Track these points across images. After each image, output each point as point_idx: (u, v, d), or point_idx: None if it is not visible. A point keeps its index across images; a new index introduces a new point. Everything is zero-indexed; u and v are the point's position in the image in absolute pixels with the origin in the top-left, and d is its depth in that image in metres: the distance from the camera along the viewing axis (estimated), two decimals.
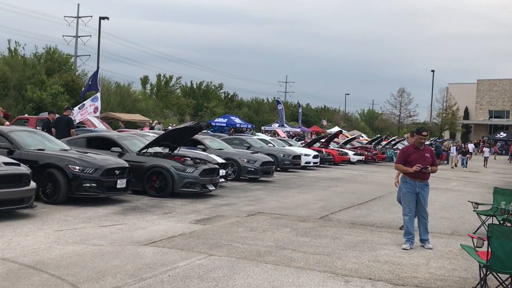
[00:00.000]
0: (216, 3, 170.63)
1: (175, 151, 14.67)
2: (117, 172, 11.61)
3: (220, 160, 16.08)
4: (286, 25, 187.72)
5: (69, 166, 10.98)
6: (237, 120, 50.11)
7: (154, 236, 8.41)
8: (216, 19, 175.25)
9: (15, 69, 43.01)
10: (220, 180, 14.77)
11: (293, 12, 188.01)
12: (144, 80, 69.94)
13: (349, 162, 33.37)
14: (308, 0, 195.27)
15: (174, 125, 37.28)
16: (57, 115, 17.93)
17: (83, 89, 23.55)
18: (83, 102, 21.19)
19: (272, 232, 9.36)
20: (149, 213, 10.60)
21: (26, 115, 30.66)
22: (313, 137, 48.12)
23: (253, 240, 8.56)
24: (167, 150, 14.60)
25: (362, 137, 59.36)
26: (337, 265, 7.30)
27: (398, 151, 11.70)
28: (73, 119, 19.55)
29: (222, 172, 15.22)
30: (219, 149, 19.13)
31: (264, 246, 8.20)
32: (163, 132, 17.52)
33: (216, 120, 49.35)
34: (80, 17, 54.47)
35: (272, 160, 20.12)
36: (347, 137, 46.40)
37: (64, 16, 57.66)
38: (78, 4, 55.11)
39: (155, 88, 70.79)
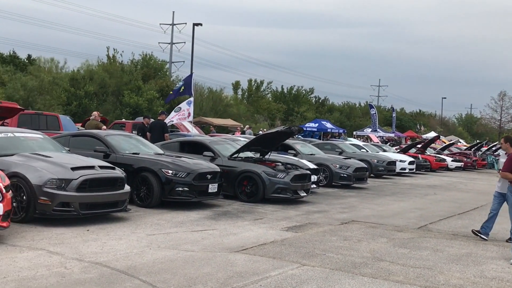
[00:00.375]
0: (308, 8, 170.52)
1: (266, 156, 14.45)
2: (209, 176, 11.55)
3: (311, 166, 15.69)
4: (378, 28, 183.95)
5: (163, 170, 11.04)
6: (328, 125, 49.42)
7: (245, 243, 8.18)
8: (307, 23, 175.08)
9: (114, 76, 44.95)
10: (312, 186, 14.37)
11: (385, 14, 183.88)
12: (236, 85, 70.95)
13: (447, 168, 31.83)
14: (400, 2, 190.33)
15: (264, 130, 37.31)
16: (152, 120, 18.31)
17: (170, 92, 23.95)
18: (179, 105, 21.57)
19: (367, 242, 8.84)
20: (240, 219, 10.41)
21: (123, 119, 31.82)
22: (408, 142, 46.46)
23: (348, 250, 8.10)
24: (258, 155, 14.42)
25: (460, 142, 56.61)
26: (439, 280, 6.70)
27: (500, 158, 10.85)
28: (169, 121, 19.92)
29: (313, 178, 14.82)
30: (311, 154, 18.74)
31: (360, 257, 7.72)
32: (254, 136, 17.39)
33: (306, 124, 48.95)
34: (175, 24, 56.09)
35: (365, 166, 19.45)
36: (445, 143, 44.38)
37: (160, 24, 59.69)
38: (173, 12, 57.07)
39: (246, 93, 71.60)
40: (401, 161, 25.92)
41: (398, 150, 30.62)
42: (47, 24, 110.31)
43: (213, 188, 11.54)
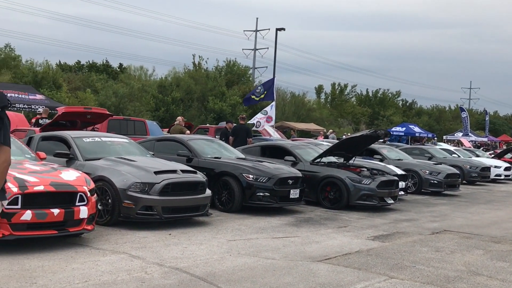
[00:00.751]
0: (395, 9, 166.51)
1: (350, 161, 13.98)
2: (290, 181, 11.29)
3: (399, 172, 15.02)
4: (468, 29, 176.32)
5: (243, 174, 10.91)
6: (416, 129, 47.66)
7: (329, 252, 7.82)
8: (393, 25, 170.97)
9: (199, 82, 45.94)
10: (400, 193, 13.73)
11: (476, 15, 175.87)
12: (319, 89, 70.40)
13: None
14: (492, 1, 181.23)
15: (348, 134, 36.57)
16: (235, 125, 18.35)
17: (246, 96, 23.88)
18: (265, 109, 21.51)
19: (461, 254, 8.21)
20: (323, 226, 10.06)
21: (207, 124, 32.32)
22: (503, 147, 43.92)
23: (440, 263, 7.54)
24: (341, 160, 13.98)
25: None
26: None
27: None
28: (257, 121, 19.86)
29: (401, 184, 14.16)
30: (398, 159, 17.99)
31: (453, 270, 7.15)
32: (338, 141, 16.94)
33: (393, 128, 47.53)
34: (258, 31, 56.47)
35: (457, 172, 18.42)
36: None
37: (244, 31, 60.30)
38: (257, 18, 57.20)
39: (329, 97, 70.85)
40: (496, 167, 24.44)
41: (493, 155, 28.93)
42: (137, 34, 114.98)
43: (294, 193, 11.26)
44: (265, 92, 21.20)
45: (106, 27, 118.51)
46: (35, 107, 25.04)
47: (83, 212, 7.15)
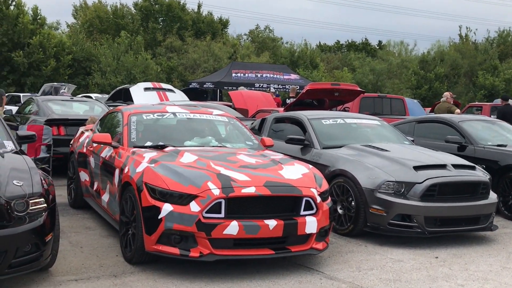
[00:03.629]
0: None
1: None
2: None
3: None
4: None
5: None
6: None
7: None
8: None
9: (466, 56, 41.05)
10: None
11: None
12: None
13: None
14: None
15: None
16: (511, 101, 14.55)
17: None
18: None
19: None
20: None
21: (476, 102, 28.05)
22: None
23: None
24: None
25: None
26: None
27: None
28: None
29: None
30: None
31: None
32: None
33: None
34: None
35: None
36: None
37: None
38: None
39: None
40: None
41: None
42: (398, 10, 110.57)
43: None
44: None
45: (366, 5, 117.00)
46: (289, 87, 24.34)
47: (311, 224, 5.05)
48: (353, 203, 6.42)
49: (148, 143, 5.98)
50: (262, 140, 6.63)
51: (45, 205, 4.46)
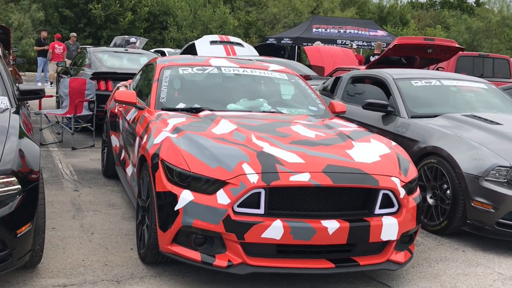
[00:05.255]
0: None
1: None
2: None
3: None
4: None
5: None
6: None
7: None
8: None
9: None
10: None
11: None
12: None
13: None
14: None
15: None
16: None
17: None
18: None
19: None
20: None
21: None
22: None
23: None
24: None
25: None
26: None
27: None
28: None
29: None
30: None
31: None
32: None
33: None
34: None
35: None
36: None
37: None
38: None
39: None
40: None
41: None
42: None
43: None
44: None
45: None
46: (374, 44, 22.22)
47: (390, 228, 3.55)
48: (448, 192, 4.82)
49: (180, 105, 4.64)
50: (331, 104, 5.10)
51: (19, 186, 3.26)
